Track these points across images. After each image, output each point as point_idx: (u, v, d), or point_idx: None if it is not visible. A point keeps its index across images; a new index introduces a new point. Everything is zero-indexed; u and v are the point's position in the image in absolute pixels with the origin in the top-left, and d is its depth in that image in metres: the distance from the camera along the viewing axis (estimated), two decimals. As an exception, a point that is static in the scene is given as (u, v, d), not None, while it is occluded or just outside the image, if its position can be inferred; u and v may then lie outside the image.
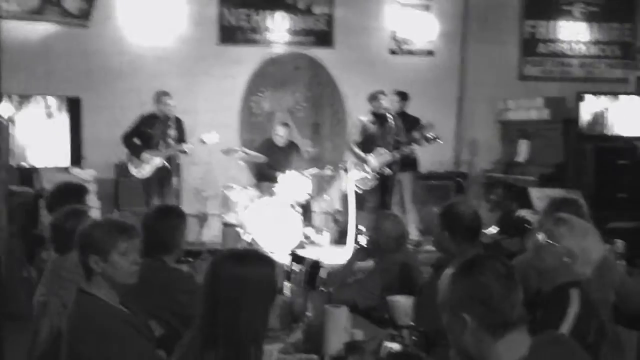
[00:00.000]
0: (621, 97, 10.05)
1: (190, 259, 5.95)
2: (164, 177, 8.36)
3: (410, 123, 8.86)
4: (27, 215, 7.55)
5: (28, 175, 8.31)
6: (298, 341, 3.17)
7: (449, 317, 2.14)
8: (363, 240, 7.43)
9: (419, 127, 8.57)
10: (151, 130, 8.27)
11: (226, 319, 2.26)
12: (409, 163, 8.78)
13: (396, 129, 8.39)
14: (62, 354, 2.88)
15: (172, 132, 8.30)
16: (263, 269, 2.36)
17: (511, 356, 2.09)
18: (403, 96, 9.17)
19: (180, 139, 8.34)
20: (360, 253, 4.54)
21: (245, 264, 2.32)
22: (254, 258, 2.38)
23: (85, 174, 8.17)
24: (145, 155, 8.20)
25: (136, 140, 8.33)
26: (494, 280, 2.08)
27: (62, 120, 8.30)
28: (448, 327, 2.16)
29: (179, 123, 8.40)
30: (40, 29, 8.84)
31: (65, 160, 8.38)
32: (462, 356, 2.17)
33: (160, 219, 3.76)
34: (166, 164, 8.28)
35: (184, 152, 8.37)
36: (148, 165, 8.21)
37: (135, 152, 8.26)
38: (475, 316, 2.07)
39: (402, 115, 8.94)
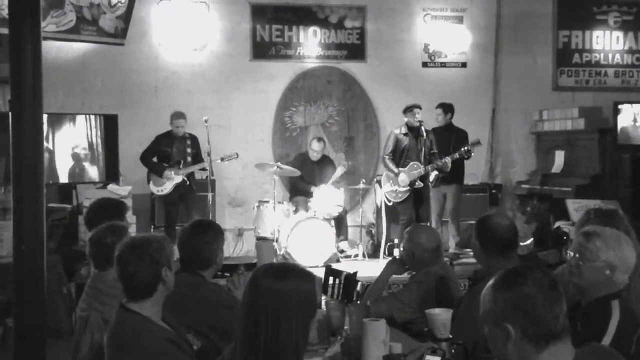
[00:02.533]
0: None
1: (227, 274, 6.00)
2: (185, 193, 8.49)
3: (456, 135, 8.78)
4: (66, 231, 7.66)
5: (66, 191, 8.43)
6: (336, 355, 3.16)
7: (491, 328, 2.12)
8: (397, 253, 7.45)
9: (469, 145, 8.33)
10: (169, 149, 8.44)
11: (267, 333, 2.26)
12: (454, 176, 8.67)
13: (430, 143, 8.36)
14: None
15: (189, 149, 8.46)
16: (303, 284, 2.35)
17: (555, 367, 2.08)
18: (446, 108, 8.95)
19: (197, 156, 8.52)
20: (395, 266, 4.49)
21: (286, 279, 2.32)
22: (294, 273, 2.37)
23: (122, 190, 8.27)
24: (167, 172, 8.34)
25: (155, 160, 8.51)
26: (537, 291, 2.07)
27: (99, 137, 8.41)
28: (490, 339, 2.14)
29: (194, 141, 8.55)
30: (77, 47, 8.98)
31: (102, 176, 8.49)
32: (505, 368, 2.15)
33: (197, 234, 3.76)
34: (187, 180, 8.42)
35: (204, 169, 8.50)
36: (169, 183, 8.36)
37: (157, 170, 8.40)
38: (519, 327, 2.05)
39: (449, 128, 8.87)
